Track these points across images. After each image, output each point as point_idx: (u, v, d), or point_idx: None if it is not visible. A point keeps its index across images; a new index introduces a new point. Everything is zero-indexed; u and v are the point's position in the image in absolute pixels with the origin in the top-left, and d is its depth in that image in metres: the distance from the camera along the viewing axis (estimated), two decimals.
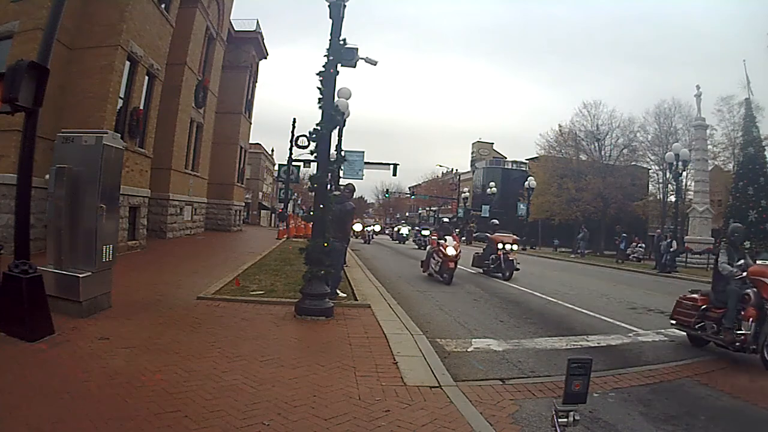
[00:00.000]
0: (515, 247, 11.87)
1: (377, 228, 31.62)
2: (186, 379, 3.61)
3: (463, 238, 29.11)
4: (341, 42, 6.17)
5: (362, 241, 25.32)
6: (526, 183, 29.55)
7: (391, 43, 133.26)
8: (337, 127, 8.82)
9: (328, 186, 6.50)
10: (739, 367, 5.02)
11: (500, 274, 11.57)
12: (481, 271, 12.49)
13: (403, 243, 28.21)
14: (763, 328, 4.71)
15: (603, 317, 7.43)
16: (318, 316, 5.86)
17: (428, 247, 11.61)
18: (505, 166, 51.70)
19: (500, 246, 11.59)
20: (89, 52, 11.07)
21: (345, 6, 6.15)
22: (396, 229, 33.37)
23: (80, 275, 5.10)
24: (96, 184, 5.23)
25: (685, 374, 4.67)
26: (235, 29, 24.93)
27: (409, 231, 31.27)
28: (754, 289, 4.83)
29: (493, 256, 11.84)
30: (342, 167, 11.75)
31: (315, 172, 6.38)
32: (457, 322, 6.60)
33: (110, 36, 11.17)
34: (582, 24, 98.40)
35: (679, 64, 71.21)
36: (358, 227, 28.68)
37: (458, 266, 10.67)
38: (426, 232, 28.37)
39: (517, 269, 11.84)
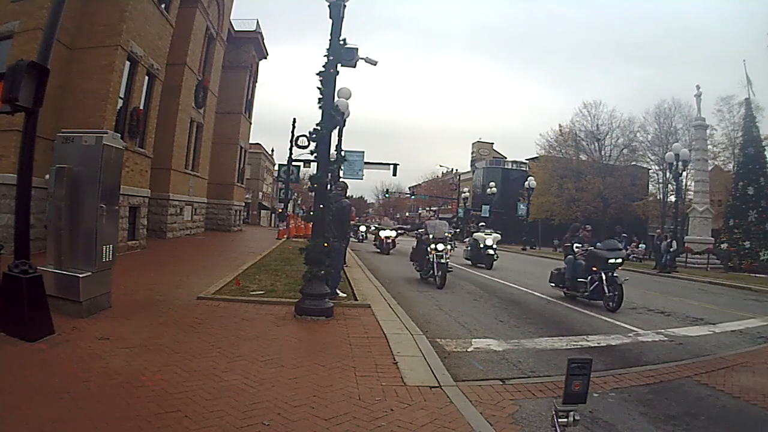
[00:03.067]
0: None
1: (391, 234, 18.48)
2: (186, 379, 3.61)
3: (466, 240, 27.57)
4: (341, 42, 6.16)
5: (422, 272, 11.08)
6: (526, 183, 29.55)
7: (391, 43, 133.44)
8: (337, 127, 8.82)
9: (328, 186, 6.50)
10: (739, 367, 5.02)
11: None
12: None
13: (489, 266, 14.37)
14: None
15: (603, 317, 7.43)
16: (318, 316, 5.86)
17: None
18: (505, 166, 51.66)
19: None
20: (89, 52, 11.08)
21: (345, 6, 6.15)
22: (475, 238, 15.53)
23: (80, 275, 5.10)
24: (96, 184, 5.23)
25: (685, 374, 4.66)
26: (235, 29, 24.94)
27: (495, 240, 15.00)
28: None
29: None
30: (342, 167, 11.73)
31: (315, 172, 6.38)
32: (457, 322, 6.60)
33: (110, 36, 11.18)
34: (583, 24, 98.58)
35: (679, 64, 71.32)
36: (386, 233, 18.39)
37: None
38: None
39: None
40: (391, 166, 30.31)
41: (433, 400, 3.53)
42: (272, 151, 54.74)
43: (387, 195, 60.19)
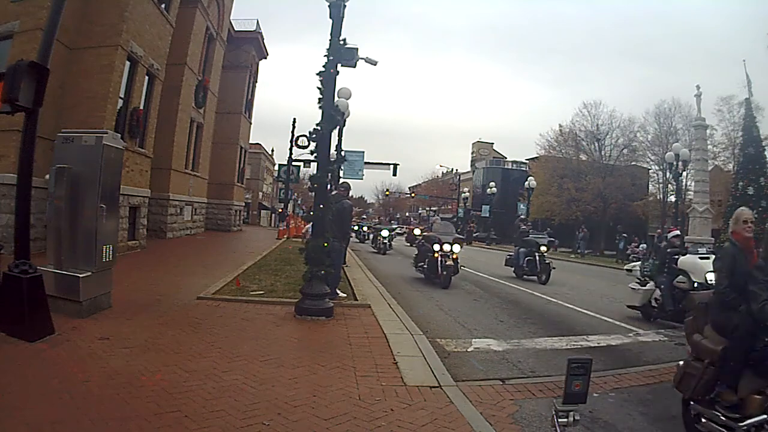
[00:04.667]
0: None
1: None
2: (186, 379, 3.61)
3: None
4: (341, 42, 6.17)
5: None
6: (526, 183, 29.47)
7: (392, 42, 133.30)
8: (337, 127, 8.82)
9: (328, 186, 6.50)
10: None
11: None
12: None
13: None
14: None
15: (603, 317, 7.43)
16: (318, 316, 5.86)
17: None
18: (505, 166, 51.67)
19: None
20: (89, 52, 11.08)
21: (345, 6, 6.16)
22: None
23: (80, 275, 5.11)
24: (96, 184, 5.24)
25: None
26: (235, 29, 24.93)
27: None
28: None
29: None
30: (342, 167, 11.74)
31: (315, 172, 6.39)
32: (457, 322, 6.60)
33: (110, 36, 11.18)
34: (584, 24, 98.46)
35: (679, 63, 71.20)
36: (445, 246, 9.82)
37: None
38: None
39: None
40: (391, 166, 30.32)
41: (433, 400, 3.53)
42: (272, 151, 54.74)
43: (387, 195, 60.25)
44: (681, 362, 3.37)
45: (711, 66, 61.71)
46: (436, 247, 9.85)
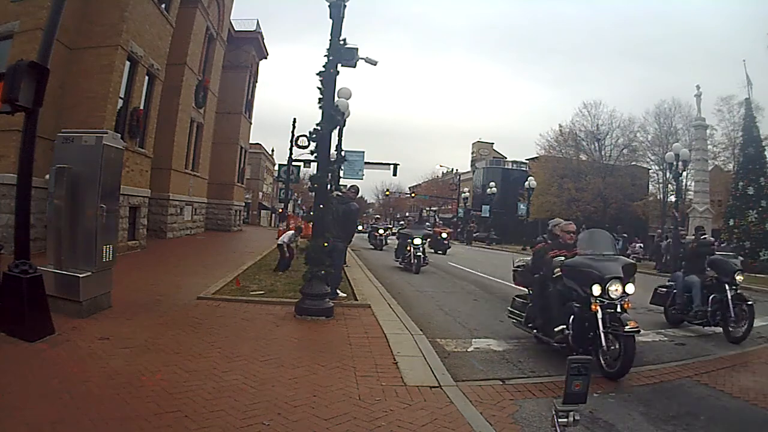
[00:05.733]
0: None
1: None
2: (186, 379, 3.61)
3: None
4: (341, 42, 6.18)
5: None
6: (526, 183, 29.55)
7: (392, 42, 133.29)
8: (337, 127, 8.82)
9: (328, 186, 6.51)
10: (739, 367, 5.02)
11: None
12: None
13: None
14: None
15: None
16: (318, 316, 5.87)
17: None
18: (505, 166, 51.68)
19: None
20: (89, 52, 11.10)
21: (345, 6, 6.17)
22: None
23: (80, 275, 5.11)
24: (96, 184, 5.24)
25: (685, 374, 4.66)
26: (235, 29, 24.96)
27: None
28: None
29: None
30: (342, 167, 11.73)
31: (315, 172, 6.39)
32: (457, 322, 6.60)
33: (110, 36, 11.20)
34: (584, 24, 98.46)
35: (680, 63, 71.21)
36: (618, 288, 4.64)
37: None
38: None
39: None
40: (391, 166, 30.25)
41: (433, 400, 3.53)
42: (272, 151, 54.75)
43: (387, 195, 60.28)
44: None
45: (711, 66, 61.80)
46: (596, 290, 4.66)
